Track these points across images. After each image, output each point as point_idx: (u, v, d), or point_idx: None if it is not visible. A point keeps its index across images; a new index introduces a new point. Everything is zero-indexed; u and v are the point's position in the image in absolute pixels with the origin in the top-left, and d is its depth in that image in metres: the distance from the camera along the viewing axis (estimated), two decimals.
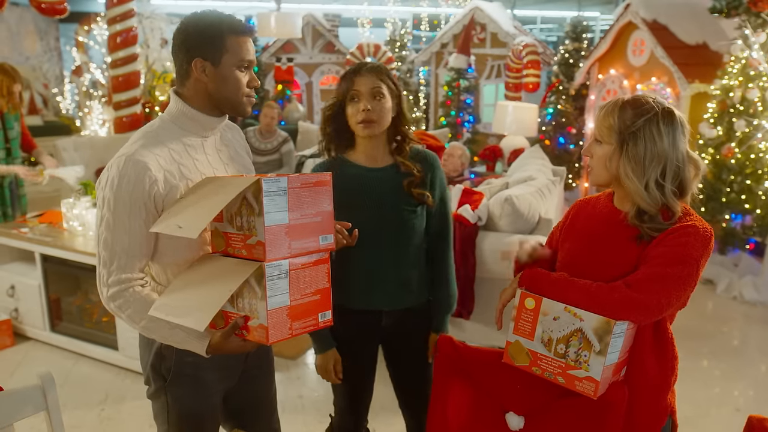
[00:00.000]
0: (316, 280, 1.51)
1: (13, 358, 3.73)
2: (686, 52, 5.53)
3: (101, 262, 1.52)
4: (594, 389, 1.47)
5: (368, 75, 1.89)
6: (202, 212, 1.38)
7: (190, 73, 1.57)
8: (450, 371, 1.73)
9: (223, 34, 1.54)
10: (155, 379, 1.69)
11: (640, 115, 1.55)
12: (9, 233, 3.82)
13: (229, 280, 1.40)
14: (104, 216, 1.50)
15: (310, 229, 1.47)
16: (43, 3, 5.80)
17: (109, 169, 1.51)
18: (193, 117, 1.60)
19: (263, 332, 1.41)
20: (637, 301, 1.49)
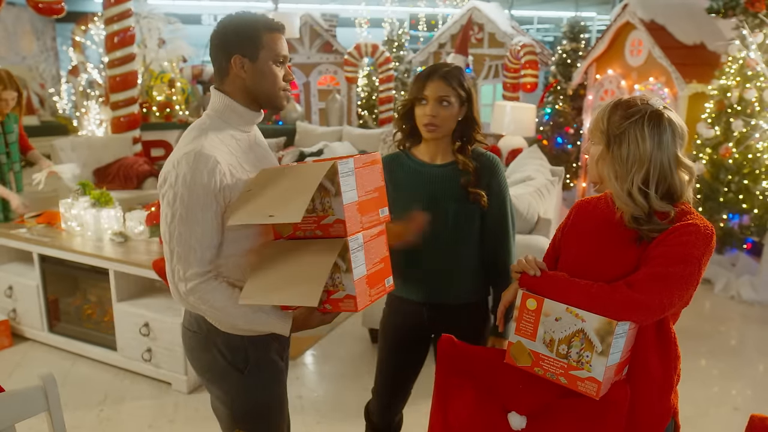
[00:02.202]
0: (380, 250, 1.65)
1: (12, 358, 3.72)
2: (684, 53, 5.54)
3: (176, 258, 1.56)
4: (596, 389, 1.48)
5: (439, 81, 1.98)
6: (295, 198, 1.44)
7: (230, 70, 1.65)
8: (451, 371, 1.73)
9: (259, 31, 1.63)
10: (226, 375, 1.73)
11: (626, 117, 1.54)
12: (7, 233, 3.81)
13: (321, 257, 1.50)
14: (176, 211, 1.54)
15: (372, 204, 1.60)
16: (40, 3, 5.78)
17: (176, 165, 1.55)
18: (237, 110, 1.68)
19: (351, 302, 1.54)
20: (639, 301, 1.49)
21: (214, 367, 1.74)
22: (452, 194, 2.03)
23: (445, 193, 2.03)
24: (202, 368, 1.77)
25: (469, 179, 2.02)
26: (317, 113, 9.00)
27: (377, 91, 8.66)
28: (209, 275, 1.59)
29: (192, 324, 1.74)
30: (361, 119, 9.34)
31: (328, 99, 8.10)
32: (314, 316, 1.63)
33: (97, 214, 3.70)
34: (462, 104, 2.02)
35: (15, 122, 4.28)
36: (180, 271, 1.57)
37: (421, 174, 2.07)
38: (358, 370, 3.61)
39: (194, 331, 1.74)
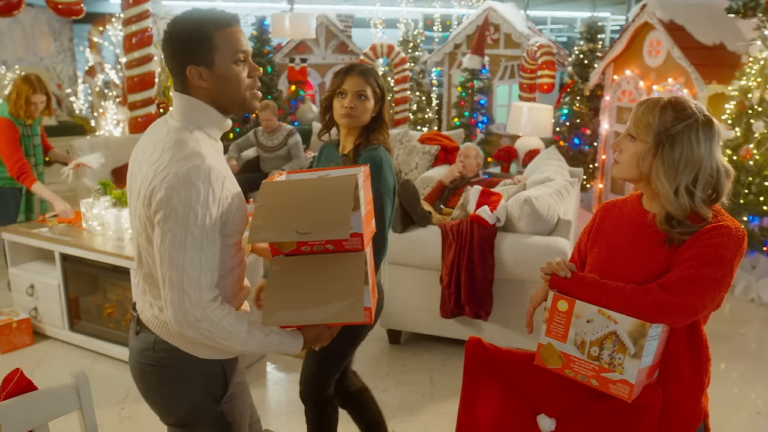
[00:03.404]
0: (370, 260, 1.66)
1: (33, 356, 3.75)
2: (703, 53, 5.50)
3: (186, 282, 1.40)
4: (629, 392, 1.47)
5: (357, 77, 2.16)
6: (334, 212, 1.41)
7: (188, 82, 1.50)
8: (480, 372, 1.72)
9: (209, 33, 1.46)
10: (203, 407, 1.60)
11: (680, 120, 1.55)
12: (29, 233, 3.84)
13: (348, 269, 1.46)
14: (187, 232, 1.39)
15: (370, 217, 1.61)
16: (60, 4, 5.84)
17: (182, 181, 1.38)
18: (207, 110, 1.53)
19: (368, 313, 1.51)
20: (672, 303, 1.48)
21: (189, 402, 1.59)
22: None
23: None
24: (172, 407, 1.61)
25: None
26: None
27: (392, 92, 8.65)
28: (219, 299, 1.46)
29: (163, 360, 1.56)
30: None
31: None
32: (324, 331, 1.55)
33: (117, 213, 3.73)
34: (377, 101, 2.21)
35: (38, 125, 4.34)
36: (193, 297, 1.40)
37: (332, 161, 2.29)
38: (376, 371, 3.61)
39: (167, 367, 1.56)
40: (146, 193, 1.43)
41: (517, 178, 4.54)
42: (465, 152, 4.86)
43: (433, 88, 10.39)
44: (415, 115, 8.92)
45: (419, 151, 5.94)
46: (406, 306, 3.79)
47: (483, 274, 3.47)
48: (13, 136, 4.05)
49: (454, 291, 3.52)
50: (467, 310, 3.52)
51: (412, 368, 3.66)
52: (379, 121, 2.23)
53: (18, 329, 3.80)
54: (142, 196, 1.44)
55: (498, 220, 3.58)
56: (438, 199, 4.72)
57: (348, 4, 12.77)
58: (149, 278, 1.55)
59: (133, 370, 1.63)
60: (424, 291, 3.72)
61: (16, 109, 4.04)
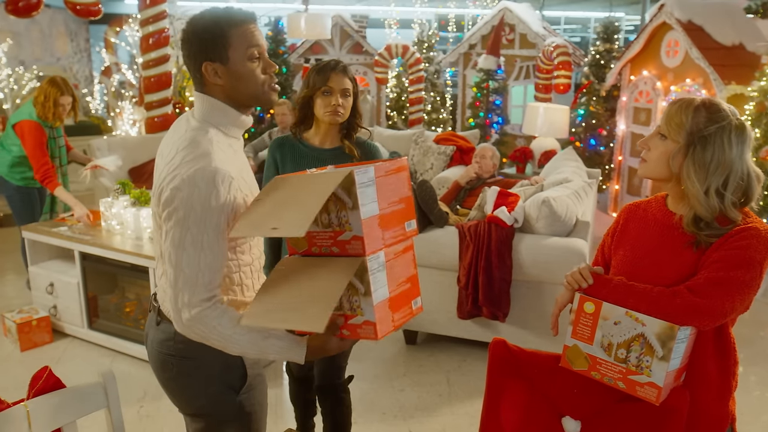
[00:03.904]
0: (407, 268, 1.49)
1: (53, 354, 3.78)
2: (722, 53, 5.45)
3: (181, 282, 1.41)
4: (656, 395, 1.45)
5: (341, 75, 2.25)
6: (301, 209, 1.31)
7: (205, 79, 1.52)
8: (504, 373, 1.72)
9: (223, 30, 1.48)
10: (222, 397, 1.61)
11: (714, 121, 1.54)
12: (49, 231, 3.88)
13: (334, 278, 1.34)
14: (188, 232, 1.40)
15: (396, 217, 1.44)
16: (78, 5, 5.90)
17: (189, 182, 1.40)
18: (225, 110, 1.54)
19: (371, 329, 1.38)
20: (701, 306, 1.47)
21: (208, 392, 1.60)
22: None
23: None
24: (192, 397, 1.63)
25: (353, 161, 2.29)
26: None
27: (407, 92, 8.65)
28: (215, 300, 1.44)
29: (183, 351, 1.57)
30: (390, 120, 9.34)
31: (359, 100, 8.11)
32: (332, 342, 1.47)
33: (136, 212, 3.75)
34: (355, 96, 2.33)
35: (61, 126, 4.38)
36: (185, 297, 1.41)
37: (311, 157, 2.33)
38: (393, 371, 3.61)
39: (187, 358, 1.57)
40: (157, 191, 1.47)
41: (534, 179, 4.52)
42: (481, 153, 4.85)
43: (447, 89, 10.37)
44: (430, 116, 8.91)
45: (434, 152, 5.93)
46: (423, 307, 3.77)
47: (501, 276, 3.46)
48: (40, 139, 4.09)
49: (471, 292, 3.51)
50: (485, 311, 3.51)
51: (429, 369, 3.65)
52: (356, 114, 2.36)
53: (38, 327, 3.83)
54: (155, 194, 1.49)
55: (516, 221, 3.57)
56: (454, 200, 4.71)
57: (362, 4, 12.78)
58: None
59: (153, 360, 1.65)
60: (441, 292, 3.71)
61: (44, 112, 4.07)
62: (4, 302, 4.49)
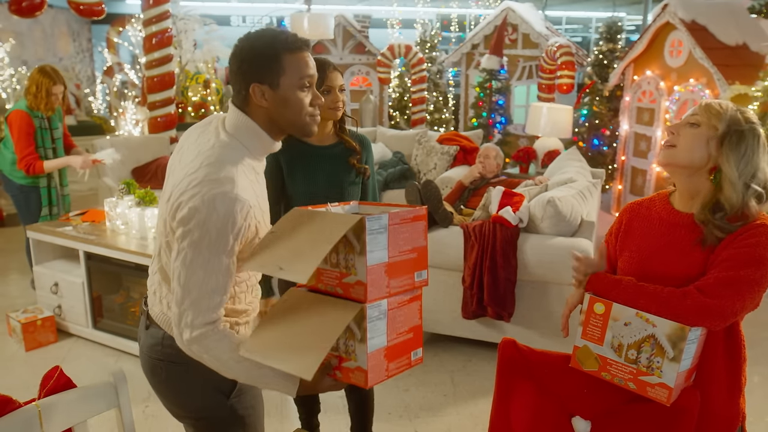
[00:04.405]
0: (410, 318, 1.47)
1: (57, 354, 3.78)
2: (726, 53, 5.44)
3: (188, 302, 1.42)
4: (667, 396, 1.45)
5: (336, 72, 2.30)
6: (308, 254, 1.31)
7: (250, 99, 1.50)
8: (513, 373, 1.72)
9: (278, 54, 1.47)
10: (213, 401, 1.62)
11: (748, 121, 1.59)
12: (53, 231, 3.88)
13: (331, 323, 1.35)
14: (200, 253, 1.40)
15: (406, 266, 1.43)
16: (81, 5, 5.90)
17: (207, 203, 1.39)
18: (260, 136, 1.53)
19: (362, 375, 1.37)
20: (711, 306, 1.47)
21: (199, 397, 1.61)
22: (346, 170, 2.38)
23: (341, 170, 2.37)
24: (183, 401, 1.64)
25: (354, 155, 2.38)
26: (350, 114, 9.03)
27: (409, 92, 8.64)
28: (217, 323, 1.45)
29: (171, 355, 1.57)
30: (392, 120, 9.34)
31: (362, 100, 8.10)
32: (325, 382, 1.46)
33: (141, 212, 3.75)
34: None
35: (60, 120, 4.38)
36: (189, 317, 1.42)
37: (320, 156, 2.36)
38: None
39: (176, 363, 1.57)
40: (174, 203, 1.44)
41: (538, 179, 4.52)
42: (485, 153, 4.85)
43: (449, 89, 10.37)
44: (432, 116, 8.91)
45: (438, 152, 5.93)
46: (428, 306, 3.78)
47: (506, 276, 3.46)
48: (27, 129, 4.08)
49: (476, 292, 3.51)
50: (490, 311, 3.51)
51: (434, 369, 3.65)
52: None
53: (42, 327, 3.84)
54: (170, 204, 1.45)
55: (521, 221, 3.57)
56: (458, 200, 4.71)
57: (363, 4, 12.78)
58: (163, 273, 1.56)
59: (144, 364, 1.66)
60: (445, 292, 3.71)
61: (36, 102, 4.07)
62: (8, 302, 4.50)
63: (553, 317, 3.54)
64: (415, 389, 3.43)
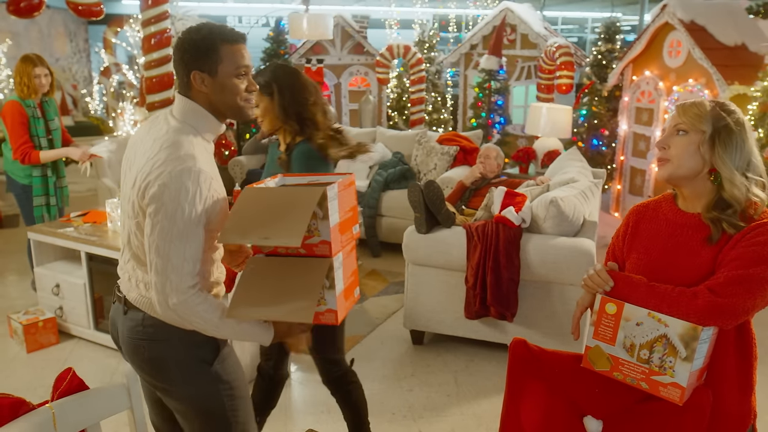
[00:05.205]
0: (352, 264, 1.79)
1: (59, 355, 3.77)
2: (725, 54, 5.46)
3: (170, 269, 1.55)
4: (680, 395, 1.46)
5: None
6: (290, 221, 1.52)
7: (191, 85, 1.67)
8: (524, 373, 1.72)
9: (217, 45, 1.64)
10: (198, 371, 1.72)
11: (728, 113, 1.60)
12: (54, 232, 3.87)
13: (310, 274, 1.59)
14: (174, 225, 1.55)
15: (348, 223, 1.73)
16: (80, 5, 5.87)
17: (175, 178, 1.54)
18: (206, 116, 1.69)
19: (332, 315, 1.66)
20: (722, 306, 1.48)
21: (183, 368, 1.71)
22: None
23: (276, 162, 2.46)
24: (167, 377, 1.72)
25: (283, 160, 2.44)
26: (348, 114, 9.01)
27: (408, 93, 8.63)
28: (198, 287, 1.60)
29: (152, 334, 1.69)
30: (390, 120, 9.34)
31: (361, 100, 8.08)
32: (294, 327, 1.71)
33: None
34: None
35: (56, 113, 4.37)
36: (173, 282, 1.56)
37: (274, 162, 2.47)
38: (401, 371, 3.61)
39: (157, 340, 1.69)
40: (141, 185, 1.58)
41: (540, 179, 4.53)
42: (485, 153, 4.85)
43: (447, 89, 10.37)
44: (431, 116, 8.91)
45: (438, 152, 5.93)
46: (431, 307, 3.79)
47: (509, 276, 3.46)
48: (20, 120, 4.10)
49: (479, 292, 3.52)
50: (493, 311, 3.52)
51: (437, 369, 3.65)
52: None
53: (44, 328, 3.83)
54: (137, 186, 1.59)
55: (523, 221, 3.57)
56: (459, 200, 4.72)
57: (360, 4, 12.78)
58: (137, 259, 1.68)
59: (125, 348, 1.75)
60: (448, 292, 3.72)
61: (22, 88, 4.10)
62: (7, 303, 4.48)
63: (556, 317, 3.54)
64: (418, 389, 3.43)
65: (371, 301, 4.58)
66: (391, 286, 4.89)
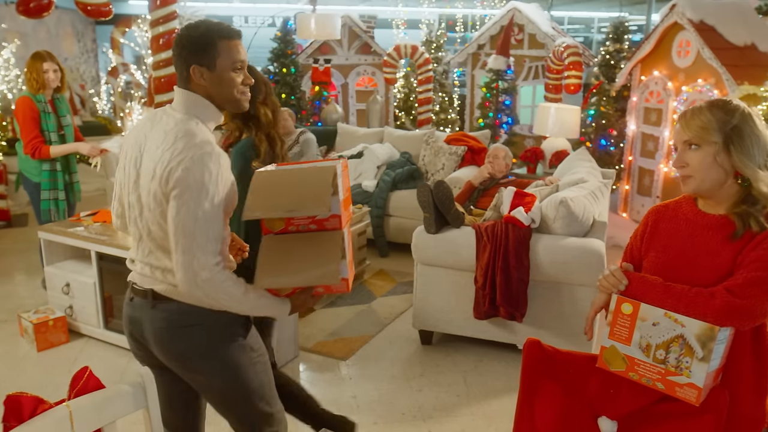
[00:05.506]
0: (350, 239, 1.93)
1: (69, 354, 3.78)
2: (734, 54, 5.43)
3: (196, 248, 1.63)
4: (696, 396, 1.45)
5: None
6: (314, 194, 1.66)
7: (190, 78, 1.74)
8: (538, 374, 1.72)
9: (215, 41, 1.72)
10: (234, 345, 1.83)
11: (732, 113, 1.58)
12: (65, 232, 3.88)
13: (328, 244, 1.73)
14: (202, 206, 1.63)
15: (348, 201, 1.86)
16: (89, 5, 5.90)
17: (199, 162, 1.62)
18: (207, 105, 1.76)
19: (344, 284, 1.80)
20: (740, 306, 1.47)
21: (226, 345, 1.82)
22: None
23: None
24: (210, 355, 1.81)
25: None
26: (355, 114, 9.01)
27: (415, 93, 8.63)
28: (222, 264, 1.69)
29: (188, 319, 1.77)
30: (397, 120, 9.34)
31: (369, 100, 8.08)
32: (308, 298, 1.85)
33: None
34: None
35: (67, 110, 4.40)
36: (201, 261, 1.64)
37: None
38: (410, 371, 3.61)
39: (193, 325, 1.78)
40: (163, 173, 1.65)
41: (549, 179, 4.52)
42: (494, 153, 4.85)
43: (454, 89, 10.36)
44: (438, 116, 8.90)
45: (446, 152, 5.93)
46: (440, 307, 3.79)
47: (519, 276, 3.46)
48: (31, 115, 4.14)
49: (489, 292, 3.51)
50: (502, 311, 3.51)
51: (446, 369, 3.65)
52: None
53: (54, 327, 3.84)
54: (158, 176, 1.66)
55: (533, 221, 3.57)
56: (467, 200, 4.71)
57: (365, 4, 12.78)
58: (163, 249, 1.74)
59: (158, 340, 1.80)
60: (457, 292, 3.71)
61: (31, 83, 4.15)
62: (17, 302, 4.50)
63: (566, 317, 3.54)
64: (428, 389, 3.43)
65: (379, 301, 4.58)
66: (399, 286, 4.89)
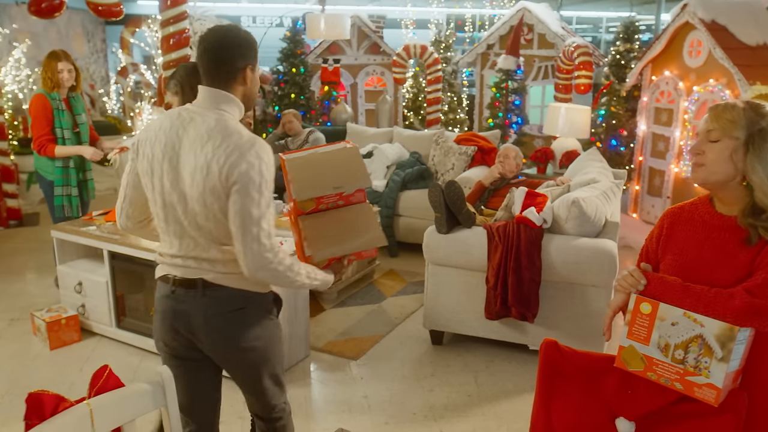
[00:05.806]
0: None
1: (81, 353, 3.80)
2: (746, 53, 5.40)
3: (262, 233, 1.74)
4: (715, 396, 1.45)
5: None
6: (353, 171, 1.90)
7: (241, 77, 1.82)
8: (555, 374, 1.71)
9: (257, 44, 1.85)
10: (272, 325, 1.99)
11: (764, 116, 1.56)
12: (77, 231, 3.90)
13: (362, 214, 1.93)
14: (265, 194, 1.74)
15: None
16: (100, 6, 5.93)
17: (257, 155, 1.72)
18: (239, 105, 1.84)
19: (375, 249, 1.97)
20: (760, 307, 1.46)
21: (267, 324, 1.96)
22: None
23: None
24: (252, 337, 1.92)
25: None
26: (364, 114, 9.02)
27: (424, 92, 8.63)
28: (278, 246, 1.79)
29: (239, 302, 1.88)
30: (406, 120, 9.34)
31: (378, 100, 8.09)
32: (342, 266, 1.99)
33: None
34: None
35: (83, 109, 4.42)
36: (267, 245, 1.74)
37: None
38: (420, 371, 3.61)
39: (243, 308, 1.89)
40: (221, 169, 1.71)
41: (560, 179, 4.51)
42: (504, 153, 4.84)
43: (463, 89, 10.35)
44: (447, 116, 8.90)
45: (455, 152, 5.92)
46: (451, 307, 3.78)
47: (530, 276, 3.45)
48: (44, 112, 4.17)
49: (500, 292, 3.51)
50: (514, 311, 3.51)
51: (457, 369, 3.65)
52: None
53: (66, 326, 3.86)
54: (216, 173, 1.71)
55: (545, 221, 3.56)
56: (478, 201, 4.70)
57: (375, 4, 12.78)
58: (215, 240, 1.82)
59: (211, 327, 1.87)
60: (468, 292, 3.71)
61: (46, 82, 4.19)
62: (29, 300, 4.53)
63: (578, 318, 3.53)
64: (439, 389, 3.43)
65: (389, 301, 4.58)
66: (410, 286, 4.89)
